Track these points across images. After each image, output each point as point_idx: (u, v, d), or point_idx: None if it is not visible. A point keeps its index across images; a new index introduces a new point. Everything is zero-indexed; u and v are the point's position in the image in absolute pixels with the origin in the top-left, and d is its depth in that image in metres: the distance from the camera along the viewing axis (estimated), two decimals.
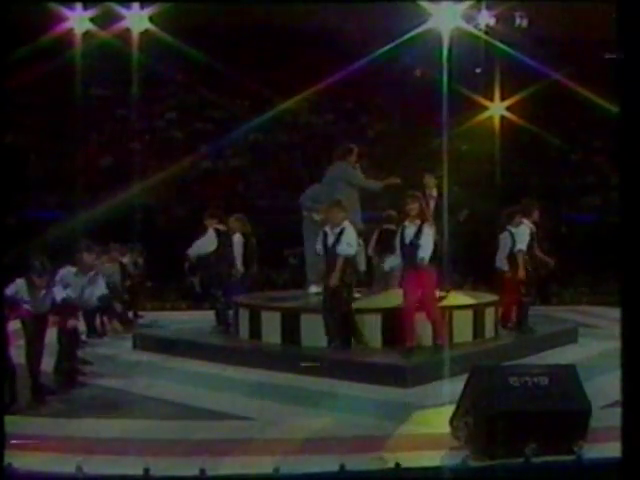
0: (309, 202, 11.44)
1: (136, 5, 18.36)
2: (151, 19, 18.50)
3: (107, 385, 9.10)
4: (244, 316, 10.79)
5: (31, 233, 14.52)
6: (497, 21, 19.48)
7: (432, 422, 7.28)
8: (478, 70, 22.22)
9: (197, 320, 13.09)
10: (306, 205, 11.48)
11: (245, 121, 20.69)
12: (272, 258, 19.20)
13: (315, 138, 22.33)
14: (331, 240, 9.79)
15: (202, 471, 5.87)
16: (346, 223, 9.86)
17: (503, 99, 20.73)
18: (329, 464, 5.97)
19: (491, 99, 20.95)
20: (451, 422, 6.77)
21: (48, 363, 8.75)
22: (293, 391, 8.68)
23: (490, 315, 10.82)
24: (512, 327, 11.52)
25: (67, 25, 18.09)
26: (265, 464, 5.95)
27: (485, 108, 20.95)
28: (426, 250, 9.44)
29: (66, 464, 5.89)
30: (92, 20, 18.13)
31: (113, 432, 6.91)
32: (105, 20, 18.28)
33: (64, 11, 17.91)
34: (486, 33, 19.01)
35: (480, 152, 21.55)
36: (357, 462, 6.07)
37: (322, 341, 9.95)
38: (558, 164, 21.43)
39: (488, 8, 19.03)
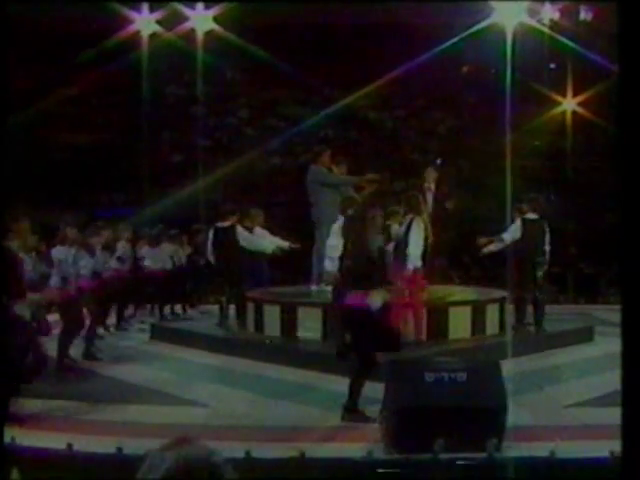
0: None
1: (200, 6, 18.83)
2: (215, 19, 18.97)
3: (97, 372, 9.60)
4: (250, 309, 11.12)
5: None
6: (561, 15, 19.01)
7: None
8: (553, 66, 21.76)
9: None
10: None
11: (315, 118, 20.89)
12: None
13: (385, 134, 22.44)
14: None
15: (119, 449, 6.26)
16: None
17: (574, 95, 20.20)
18: (236, 451, 6.20)
19: (562, 94, 20.47)
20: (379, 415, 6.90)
21: None
22: (260, 381, 8.97)
23: (493, 312, 10.75)
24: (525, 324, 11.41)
25: (135, 27, 18.76)
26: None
27: (555, 104, 20.47)
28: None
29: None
30: (158, 22, 18.73)
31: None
32: (171, 21, 18.84)
33: (131, 14, 18.57)
34: (550, 27, 18.55)
35: (549, 148, 21.16)
36: (266, 450, 6.29)
37: (318, 333, 10.18)
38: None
39: (552, 1, 18.56)
